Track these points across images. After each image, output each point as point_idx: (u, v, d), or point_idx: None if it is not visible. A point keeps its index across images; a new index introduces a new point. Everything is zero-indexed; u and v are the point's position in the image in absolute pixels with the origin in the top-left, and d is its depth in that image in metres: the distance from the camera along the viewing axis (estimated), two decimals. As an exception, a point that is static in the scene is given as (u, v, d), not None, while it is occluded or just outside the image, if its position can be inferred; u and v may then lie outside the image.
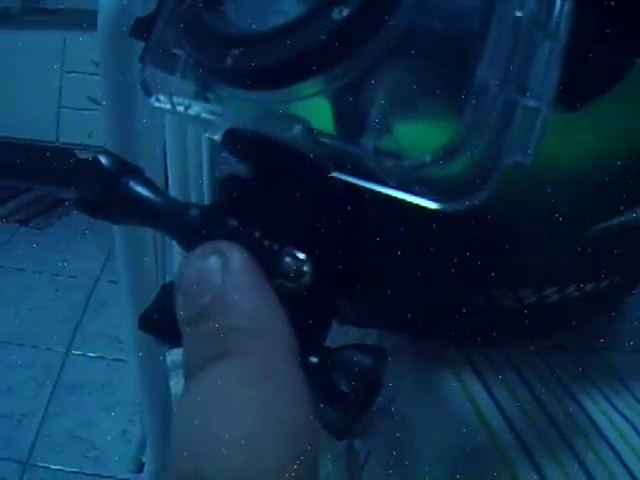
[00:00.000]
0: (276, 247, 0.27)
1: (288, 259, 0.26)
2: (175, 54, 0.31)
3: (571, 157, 0.38)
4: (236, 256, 0.25)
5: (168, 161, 1.16)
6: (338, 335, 0.39)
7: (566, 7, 0.23)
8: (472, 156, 0.22)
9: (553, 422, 0.40)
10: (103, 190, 0.31)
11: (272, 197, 0.28)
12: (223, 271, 0.25)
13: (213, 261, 0.25)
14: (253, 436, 0.21)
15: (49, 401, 2.09)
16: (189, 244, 0.30)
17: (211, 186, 1.31)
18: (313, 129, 0.27)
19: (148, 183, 0.32)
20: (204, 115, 0.30)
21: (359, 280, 0.32)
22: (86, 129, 2.67)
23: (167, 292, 0.31)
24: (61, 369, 2.25)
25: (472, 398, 0.41)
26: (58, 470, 1.85)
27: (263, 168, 0.28)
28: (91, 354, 2.35)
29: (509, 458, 0.37)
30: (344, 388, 0.26)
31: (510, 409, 0.41)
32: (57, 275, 2.83)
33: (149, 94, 0.32)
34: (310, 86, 0.26)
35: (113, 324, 2.44)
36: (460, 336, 0.44)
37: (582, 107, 0.32)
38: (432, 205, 0.24)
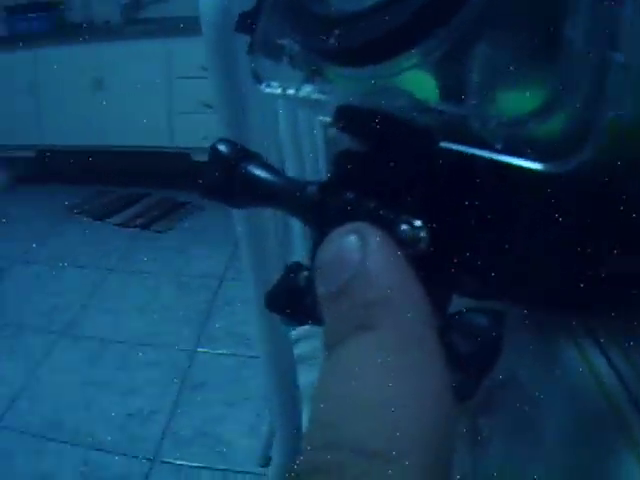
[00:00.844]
0: (392, 216, 0.27)
1: (405, 226, 0.26)
2: (281, 44, 0.32)
3: None
4: (374, 235, 0.26)
5: (284, 148, 1.19)
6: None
7: None
8: (570, 112, 0.22)
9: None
10: (225, 175, 0.33)
11: (385, 168, 0.28)
12: (362, 249, 0.25)
13: (352, 239, 0.26)
14: (394, 402, 0.22)
15: (176, 399, 2.15)
16: (310, 220, 0.31)
17: (327, 165, 1.35)
18: (418, 99, 0.27)
19: (266, 166, 0.33)
20: (314, 96, 0.31)
21: (476, 251, 0.31)
22: (200, 132, 2.73)
23: (292, 271, 0.32)
24: (188, 367, 2.32)
25: (594, 369, 0.39)
26: (185, 465, 1.90)
27: (375, 141, 0.29)
28: (217, 351, 2.42)
29: (630, 426, 0.36)
30: (464, 350, 0.25)
31: (631, 381, 0.38)
32: (180, 276, 2.92)
33: (260, 82, 0.34)
34: (409, 58, 0.26)
35: (238, 321, 2.50)
36: (582, 308, 0.42)
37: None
38: (538, 166, 0.23)
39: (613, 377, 0.38)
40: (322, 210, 0.30)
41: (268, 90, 0.33)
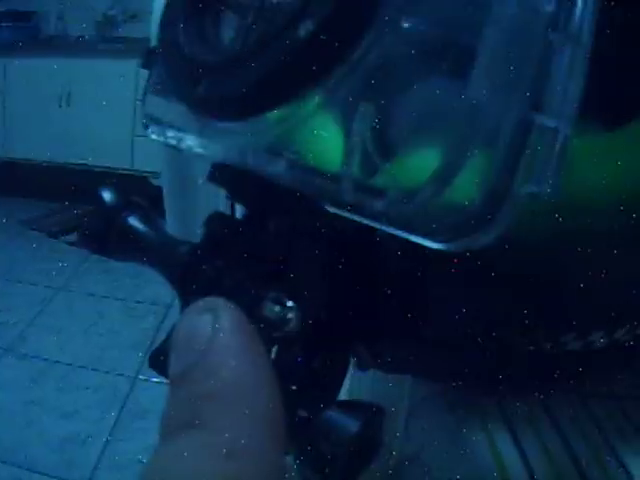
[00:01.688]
0: (261, 292, 0.25)
1: (272, 305, 0.25)
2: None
3: (611, 187, 0.33)
4: (227, 314, 0.23)
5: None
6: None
7: (589, 4, 0.19)
8: (472, 184, 0.19)
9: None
10: (103, 224, 0.31)
11: (260, 236, 0.26)
12: (212, 330, 0.23)
13: (205, 318, 0.23)
14: None
15: (114, 425, 2.11)
16: (176, 284, 0.29)
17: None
18: (300, 163, 0.24)
19: (148, 219, 0.31)
20: (196, 149, 0.28)
21: (371, 325, 0.30)
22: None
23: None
24: (129, 394, 2.28)
25: (497, 453, 0.38)
26: (120, 495, 1.86)
27: (250, 206, 0.26)
28: (159, 379, 2.36)
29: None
30: (326, 453, 0.24)
31: (539, 467, 0.37)
32: (129, 301, 2.88)
33: (146, 126, 0.30)
34: (279, 115, 0.23)
35: (182, 350, 2.44)
36: (495, 384, 0.40)
37: (624, 125, 0.29)
38: (436, 245, 0.21)
39: (518, 463, 0.37)
40: (189, 275, 0.28)
41: (154, 137, 0.30)
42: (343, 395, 0.50)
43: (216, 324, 0.23)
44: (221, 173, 0.27)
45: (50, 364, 2.42)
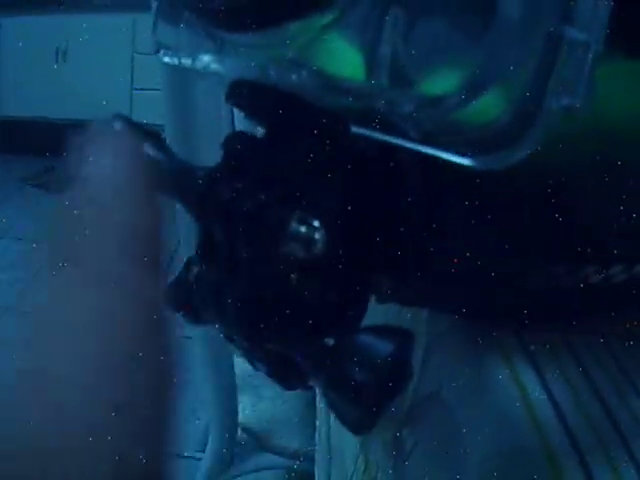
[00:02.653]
0: (286, 212, 0.24)
1: (297, 225, 0.24)
2: (180, 8, 0.28)
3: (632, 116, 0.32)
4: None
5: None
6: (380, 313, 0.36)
7: None
8: (503, 95, 0.18)
9: (612, 420, 0.36)
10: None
11: (283, 156, 0.25)
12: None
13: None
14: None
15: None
16: (194, 212, 0.28)
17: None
18: (328, 76, 0.23)
19: (162, 148, 0.30)
20: (213, 67, 0.27)
21: (395, 254, 0.29)
22: (158, 109, 2.69)
23: (187, 266, 0.30)
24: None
25: (524, 390, 0.37)
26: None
27: (272, 124, 0.25)
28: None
29: (558, 458, 0.34)
30: (357, 377, 0.23)
31: (565, 403, 0.37)
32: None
33: (157, 50, 0.30)
34: (301, 25, 0.22)
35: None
36: (516, 318, 0.40)
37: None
38: (466, 161, 0.20)
39: (544, 399, 0.37)
40: (206, 200, 0.27)
41: (166, 59, 0.29)
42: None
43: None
44: (239, 91, 0.26)
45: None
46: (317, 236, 0.24)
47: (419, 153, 0.21)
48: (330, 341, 0.26)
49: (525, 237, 0.33)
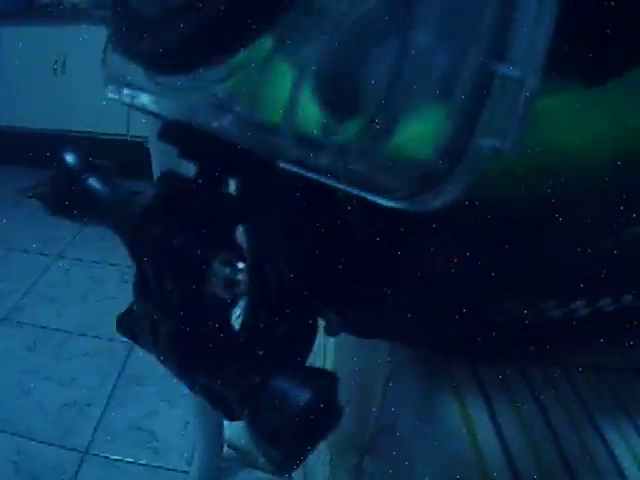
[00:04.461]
0: (210, 252, 0.24)
1: (220, 266, 0.24)
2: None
3: (588, 147, 0.31)
4: None
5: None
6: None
7: None
8: (428, 135, 0.18)
9: (562, 457, 0.36)
10: (63, 185, 0.31)
11: (212, 196, 0.25)
12: None
13: None
14: None
15: (112, 391, 2.12)
16: (129, 243, 0.28)
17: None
18: (245, 117, 0.23)
19: (108, 181, 0.30)
20: (150, 107, 0.27)
21: (336, 289, 0.29)
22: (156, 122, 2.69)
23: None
24: (126, 360, 2.28)
25: (470, 422, 0.37)
26: (117, 460, 1.86)
27: (201, 164, 0.26)
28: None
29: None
30: (274, 422, 0.23)
31: (513, 436, 0.36)
32: (126, 267, 2.85)
33: (105, 85, 0.30)
34: (219, 69, 0.22)
35: (179, 315, 2.45)
36: (469, 352, 0.39)
37: (609, 81, 0.27)
38: (390, 203, 0.19)
39: (491, 435, 0.36)
40: (139, 234, 0.27)
41: (110, 95, 0.30)
42: (329, 362, 0.49)
43: None
44: (172, 130, 0.26)
45: (47, 332, 2.41)
46: (239, 277, 0.24)
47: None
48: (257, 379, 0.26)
49: (478, 270, 0.33)
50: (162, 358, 0.28)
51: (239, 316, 0.29)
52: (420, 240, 0.30)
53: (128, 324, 0.30)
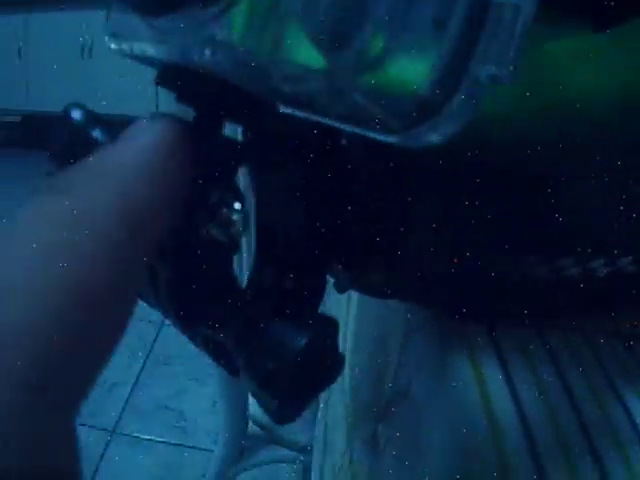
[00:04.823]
0: (206, 190, 0.24)
1: (216, 206, 0.24)
2: None
3: (595, 90, 0.30)
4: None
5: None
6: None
7: None
8: (422, 63, 0.17)
9: (581, 423, 0.34)
10: (70, 142, 0.30)
11: (210, 140, 0.25)
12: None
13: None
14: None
15: (140, 371, 2.13)
16: None
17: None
18: (240, 54, 0.22)
19: (112, 132, 0.30)
20: (149, 52, 0.26)
21: (345, 244, 0.28)
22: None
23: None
24: (155, 339, 2.29)
25: (484, 388, 0.36)
26: (145, 440, 1.88)
27: (199, 108, 0.25)
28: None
29: (509, 459, 0.32)
30: (268, 367, 0.23)
31: (529, 403, 0.35)
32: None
33: (108, 38, 0.29)
34: (212, 8, 0.21)
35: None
36: (485, 313, 0.38)
37: (615, 27, 0.26)
38: (386, 138, 0.18)
39: (506, 399, 0.35)
40: None
41: (112, 46, 0.29)
42: (351, 321, 0.48)
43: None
44: (169, 74, 0.26)
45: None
46: (235, 217, 0.23)
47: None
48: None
49: (491, 224, 0.32)
50: (163, 310, 0.28)
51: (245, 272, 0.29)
52: (428, 188, 0.29)
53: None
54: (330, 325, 0.25)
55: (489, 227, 0.32)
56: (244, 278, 0.28)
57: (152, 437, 1.90)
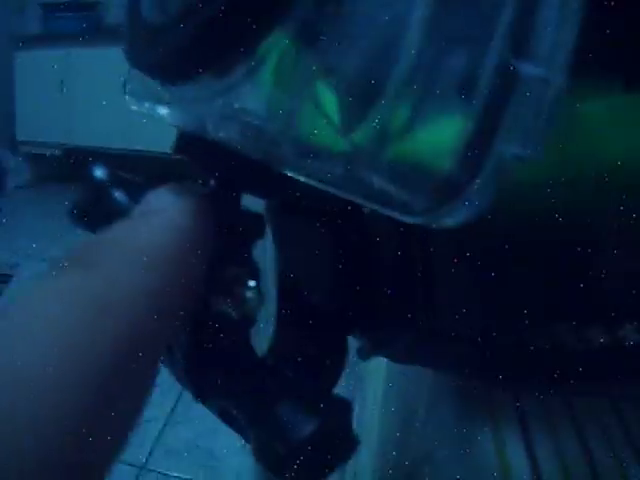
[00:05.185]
0: (221, 270, 0.24)
1: (231, 283, 0.24)
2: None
3: (632, 155, 0.28)
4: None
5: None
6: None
7: None
8: (447, 141, 0.16)
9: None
10: (90, 198, 0.31)
11: (231, 214, 0.25)
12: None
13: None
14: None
15: (173, 409, 2.13)
16: None
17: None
18: (252, 127, 0.22)
19: (133, 193, 0.30)
20: (167, 118, 0.26)
21: (367, 312, 0.28)
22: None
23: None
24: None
25: (504, 455, 0.35)
26: (174, 477, 1.88)
27: (216, 178, 0.25)
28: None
29: None
30: (279, 451, 0.22)
31: (548, 473, 0.34)
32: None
33: (128, 98, 0.29)
34: (227, 77, 0.21)
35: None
36: (510, 381, 0.37)
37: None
38: (407, 219, 0.18)
39: (526, 469, 0.34)
40: None
41: (133, 108, 0.29)
42: (380, 388, 0.48)
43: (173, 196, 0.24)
44: (186, 143, 0.26)
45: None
46: (249, 295, 0.23)
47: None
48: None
49: (521, 292, 0.31)
50: (179, 380, 0.28)
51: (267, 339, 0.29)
52: (455, 254, 0.29)
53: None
54: (343, 408, 0.24)
55: (518, 294, 0.31)
56: (262, 345, 0.28)
57: (181, 475, 1.89)
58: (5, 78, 3.80)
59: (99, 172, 0.31)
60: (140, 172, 0.33)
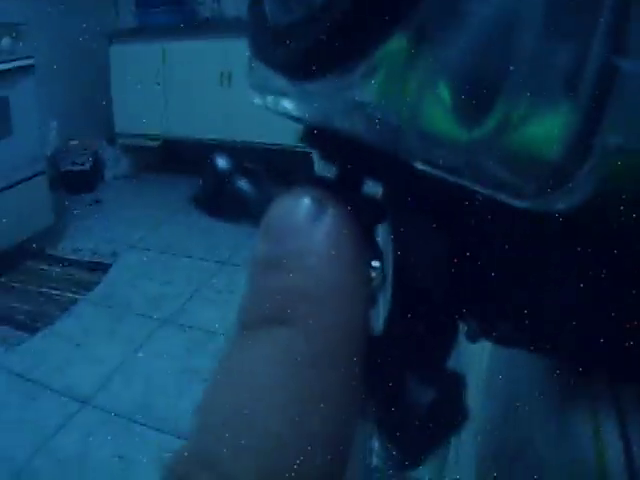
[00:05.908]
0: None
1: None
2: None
3: None
4: (334, 207, 0.22)
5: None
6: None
7: None
8: (554, 130, 0.17)
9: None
10: (215, 188, 0.32)
11: (350, 196, 0.26)
12: (313, 221, 0.21)
13: (306, 205, 0.22)
14: (276, 437, 0.19)
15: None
16: None
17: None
18: (377, 119, 0.22)
19: (256, 183, 0.32)
20: (292, 112, 0.28)
21: (478, 296, 0.29)
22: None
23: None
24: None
25: (600, 444, 0.35)
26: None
27: (342, 167, 0.26)
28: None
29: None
30: (398, 421, 0.23)
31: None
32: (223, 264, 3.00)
33: (251, 92, 0.31)
34: (352, 73, 0.22)
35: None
36: (614, 370, 0.37)
37: None
38: (515, 202, 0.18)
39: (620, 458, 0.34)
40: None
41: (255, 100, 0.30)
42: (482, 372, 0.49)
43: (320, 215, 0.21)
44: (312, 134, 0.27)
45: (209, 335, 2.50)
46: (373, 274, 0.24)
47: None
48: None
49: (622, 277, 0.31)
50: None
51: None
52: (566, 241, 0.29)
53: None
54: (457, 382, 0.25)
55: (625, 279, 0.31)
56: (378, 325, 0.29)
57: None
58: (101, 72, 3.90)
59: (222, 162, 0.33)
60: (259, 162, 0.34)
